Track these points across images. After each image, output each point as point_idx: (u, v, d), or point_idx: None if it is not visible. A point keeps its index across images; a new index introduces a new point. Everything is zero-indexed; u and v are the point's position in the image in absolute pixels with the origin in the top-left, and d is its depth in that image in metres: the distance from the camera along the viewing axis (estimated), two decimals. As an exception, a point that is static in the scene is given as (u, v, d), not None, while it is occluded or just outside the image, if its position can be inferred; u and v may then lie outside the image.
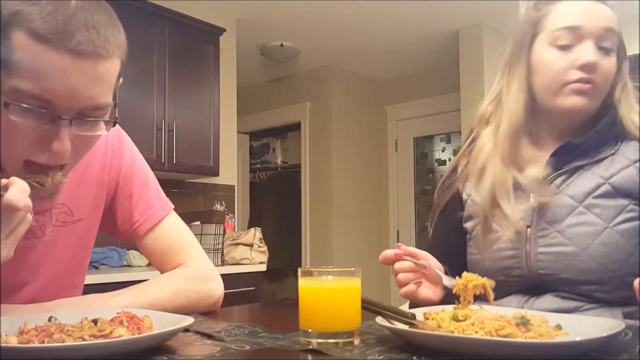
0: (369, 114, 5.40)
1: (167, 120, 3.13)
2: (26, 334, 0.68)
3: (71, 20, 0.72)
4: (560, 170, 1.04)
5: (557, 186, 1.03)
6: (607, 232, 0.96)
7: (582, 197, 1.00)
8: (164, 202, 1.11)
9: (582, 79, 1.00)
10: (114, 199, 1.07)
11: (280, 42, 4.45)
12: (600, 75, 1.01)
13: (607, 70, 1.02)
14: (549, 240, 1.00)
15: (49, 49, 0.72)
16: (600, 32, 1.01)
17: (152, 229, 1.08)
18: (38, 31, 0.71)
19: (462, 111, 4.30)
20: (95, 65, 0.75)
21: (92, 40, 0.73)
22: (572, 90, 1.01)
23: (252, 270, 3.23)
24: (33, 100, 0.73)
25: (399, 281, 1.01)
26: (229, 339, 0.76)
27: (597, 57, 1.00)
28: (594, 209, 0.98)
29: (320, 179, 5.04)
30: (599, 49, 1.01)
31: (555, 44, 1.03)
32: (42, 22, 0.71)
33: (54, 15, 0.72)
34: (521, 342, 0.63)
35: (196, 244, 1.13)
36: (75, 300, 0.93)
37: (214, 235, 3.14)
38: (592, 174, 1.01)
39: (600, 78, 1.01)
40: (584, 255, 0.96)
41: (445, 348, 0.65)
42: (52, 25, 0.71)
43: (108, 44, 0.76)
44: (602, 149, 1.02)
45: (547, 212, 1.02)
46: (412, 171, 5.35)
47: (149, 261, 1.13)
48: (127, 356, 0.65)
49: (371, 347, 0.71)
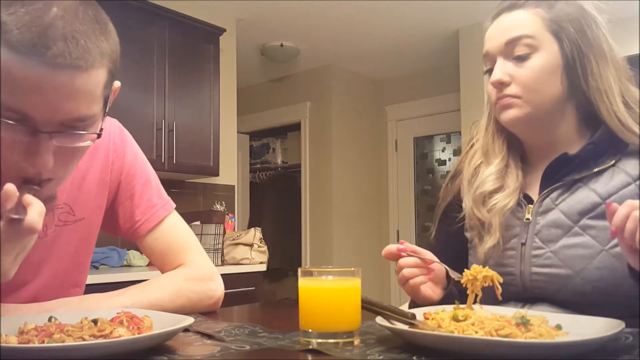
0: (369, 114, 5.40)
1: (167, 120, 3.13)
2: (26, 334, 0.68)
3: (47, 31, 0.69)
4: (556, 183, 1.01)
5: (553, 200, 1.00)
6: (602, 256, 0.93)
7: (577, 217, 0.97)
8: (166, 201, 1.11)
9: (499, 97, 1.03)
10: (116, 198, 1.07)
11: (280, 42, 4.45)
12: (517, 85, 1.01)
13: (525, 76, 1.00)
14: (542, 260, 0.98)
15: (25, 62, 0.69)
16: (502, 47, 1.02)
17: (154, 228, 1.08)
18: (13, 43, 0.68)
19: (462, 111, 4.30)
20: (72, 77, 0.71)
21: (69, 52, 0.70)
22: (499, 107, 1.04)
23: (252, 270, 3.23)
24: (12, 114, 0.71)
25: (404, 276, 1.00)
26: (229, 339, 0.76)
27: (505, 71, 1.01)
28: (589, 231, 0.95)
29: (320, 179, 5.04)
30: (514, 60, 1.01)
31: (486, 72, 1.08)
32: (18, 33, 0.68)
33: (29, 26, 0.69)
34: (521, 342, 0.63)
35: (197, 243, 1.13)
36: (75, 300, 0.93)
37: (214, 235, 3.15)
38: (590, 190, 0.98)
39: (518, 88, 1.01)
40: (578, 278, 0.94)
41: (445, 348, 0.65)
42: (27, 37, 0.68)
43: (88, 55, 0.72)
44: (601, 160, 0.99)
45: (543, 230, 1.00)
46: (412, 171, 5.36)
47: (150, 260, 1.13)
48: (127, 356, 0.65)
49: (371, 347, 0.71)
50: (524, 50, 1.01)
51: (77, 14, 0.73)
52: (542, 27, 1.01)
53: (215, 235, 3.15)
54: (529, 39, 1.00)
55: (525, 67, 1.01)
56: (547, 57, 1.00)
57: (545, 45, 1.00)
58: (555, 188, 1.01)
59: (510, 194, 1.04)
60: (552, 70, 1.00)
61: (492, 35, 1.05)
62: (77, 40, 0.71)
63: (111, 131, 1.07)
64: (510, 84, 1.01)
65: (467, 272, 0.82)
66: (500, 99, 1.03)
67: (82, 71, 0.72)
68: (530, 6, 1.03)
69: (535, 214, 1.02)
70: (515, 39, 1.01)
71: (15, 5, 0.70)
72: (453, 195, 1.17)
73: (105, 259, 2.94)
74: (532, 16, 1.02)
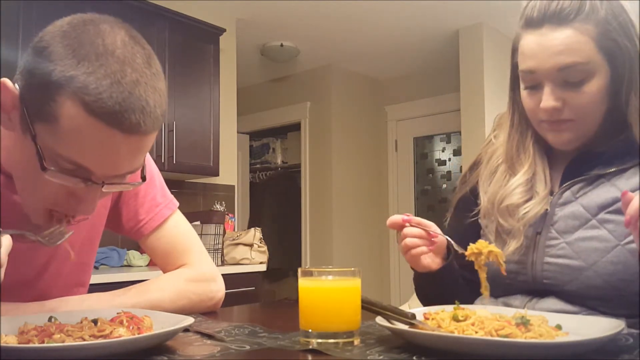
0: (369, 114, 5.40)
1: (167, 120, 3.13)
2: (26, 334, 0.68)
3: (127, 100, 0.70)
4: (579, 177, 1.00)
5: (574, 193, 1.00)
6: (618, 250, 0.93)
7: (597, 211, 0.96)
8: (169, 200, 1.11)
9: (552, 121, 0.99)
10: (120, 197, 1.07)
11: (280, 42, 4.45)
12: (571, 110, 0.96)
13: (581, 102, 0.96)
14: (556, 250, 0.98)
15: (100, 124, 0.70)
16: (555, 73, 0.95)
17: (157, 227, 1.08)
18: (92, 107, 0.69)
19: (462, 111, 4.30)
20: (142, 140, 0.74)
21: (144, 120, 0.72)
22: (551, 129, 1.00)
23: (252, 270, 3.23)
24: (68, 164, 0.73)
25: (406, 245, 1.01)
26: (229, 339, 0.76)
27: (559, 98, 0.96)
28: (607, 224, 0.95)
29: (320, 179, 5.04)
30: (565, 85, 0.95)
31: (525, 84, 1.01)
32: (97, 98, 0.69)
33: (110, 92, 0.69)
34: (521, 342, 0.63)
35: (199, 244, 1.13)
36: (77, 299, 0.93)
37: (214, 235, 3.14)
38: (612, 185, 0.97)
39: (572, 113, 0.97)
40: (590, 271, 0.94)
41: (445, 348, 0.65)
42: (108, 104, 0.69)
43: (158, 122, 0.75)
44: (628, 158, 0.97)
45: (559, 222, 0.99)
46: (412, 171, 5.35)
47: (152, 260, 1.13)
48: (127, 356, 0.65)
49: (371, 347, 0.71)
50: (578, 76, 0.94)
51: (152, 76, 0.74)
52: (594, 50, 0.94)
53: (215, 235, 3.14)
54: (584, 66, 0.94)
55: (581, 93, 0.95)
56: (601, 81, 0.95)
57: (598, 69, 0.95)
58: (577, 182, 1.01)
59: (541, 201, 1.02)
60: (605, 91, 0.97)
61: (536, 53, 0.96)
62: (152, 108, 0.73)
63: None
64: (563, 109, 0.97)
65: (472, 246, 0.82)
66: (553, 123, 0.99)
67: (152, 134, 0.75)
68: (579, 22, 0.94)
69: (554, 205, 1.01)
70: (570, 65, 0.94)
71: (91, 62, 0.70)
72: (470, 187, 1.16)
73: (105, 259, 2.94)
74: (584, 37, 0.94)
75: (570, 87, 0.95)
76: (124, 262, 3.03)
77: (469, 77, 4.24)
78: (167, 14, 3.18)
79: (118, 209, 1.08)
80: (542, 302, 0.99)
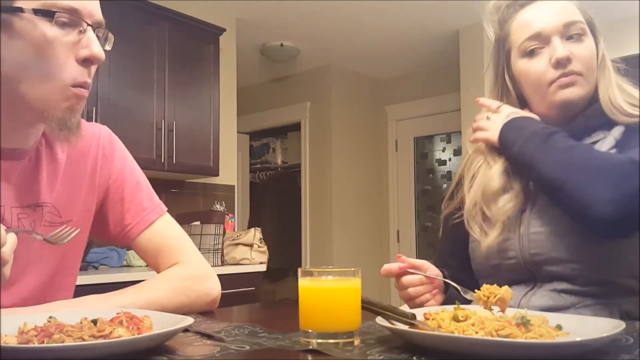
0: (369, 114, 5.40)
1: (167, 120, 3.12)
2: (26, 334, 0.68)
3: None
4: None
5: None
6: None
7: None
8: (157, 204, 1.11)
9: (562, 74, 1.04)
10: (105, 202, 1.07)
11: (280, 42, 4.45)
12: (578, 62, 1.04)
13: (585, 54, 1.05)
14: (541, 221, 1.03)
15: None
16: (561, 28, 1.05)
17: (145, 230, 1.08)
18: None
19: (462, 111, 4.30)
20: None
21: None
22: (558, 86, 1.05)
23: (252, 270, 3.23)
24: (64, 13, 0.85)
25: (410, 295, 1.02)
26: (229, 339, 0.76)
27: (567, 49, 1.04)
28: None
29: (320, 179, 5.04)
30: (568, 39, 1.06)
31: (526, 54, 1.08)
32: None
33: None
34: (521, 343, 0.63)
35: (190, 243, 1.12)
36: (73, 302, 0.93)
37: (214, 235, 3.14)
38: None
39: (580, 65, 1.04)
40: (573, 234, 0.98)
41: (445, 348, 0.65)
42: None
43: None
44: (595, 134, 1.05)
45: (542, 196, 1.04)
46: (412, 171, 5.35)
47: (145, 261, 1.13)
48: (127, 356, 0.65)
49: (371, 347, 0.71)
50: (579, 30, 1.06)
51: None
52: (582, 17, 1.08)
53: (215, 236, 3.14)
54: (582, 24, 1.07)
55: (584, 47, 1.06)
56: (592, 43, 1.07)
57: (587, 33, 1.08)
58: None
59: (516, 196, 1.07)
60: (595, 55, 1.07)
61: (542, 16, 1.07)
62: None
63: (101, 136, 1.08)
64: (572, 61, 1.04)
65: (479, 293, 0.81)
66: (564, 75, 1.04)
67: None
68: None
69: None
70: (572, 22, 1.06)
71: None
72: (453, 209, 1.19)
73: (105, 259, 2.94)
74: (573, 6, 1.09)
75: (574, 41, 1.06)
76: (124, 262, 3.03)
77: (469, 77, 4.25)
78: (167, 14, 3.18)
79: (104, 214, 1.08)
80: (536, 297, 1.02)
